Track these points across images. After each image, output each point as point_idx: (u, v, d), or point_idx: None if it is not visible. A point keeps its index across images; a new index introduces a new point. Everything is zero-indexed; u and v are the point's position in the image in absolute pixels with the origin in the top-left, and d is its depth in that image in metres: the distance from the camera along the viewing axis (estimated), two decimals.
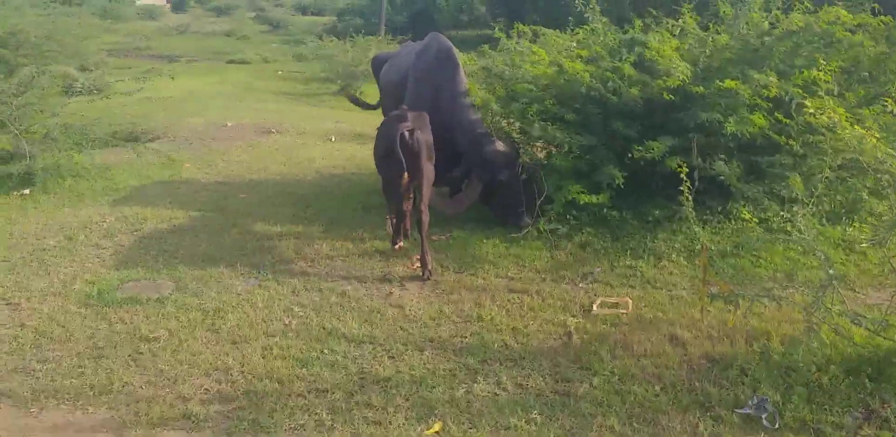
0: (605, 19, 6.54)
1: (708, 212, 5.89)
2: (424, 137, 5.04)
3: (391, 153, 4.86)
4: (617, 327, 4.19)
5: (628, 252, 5.34)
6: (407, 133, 4.88)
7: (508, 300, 4.62)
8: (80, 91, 9.01)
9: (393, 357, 3.92)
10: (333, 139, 10.90)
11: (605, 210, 5.77)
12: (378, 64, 7.67)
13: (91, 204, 6.99)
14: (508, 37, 7.11)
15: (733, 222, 5.75)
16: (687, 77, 5.14)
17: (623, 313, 4.34)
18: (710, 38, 5.58)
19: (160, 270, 5.20)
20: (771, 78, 4.91)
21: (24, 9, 15.77)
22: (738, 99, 4.93)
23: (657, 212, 5.83)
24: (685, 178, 4.52)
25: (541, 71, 6.16)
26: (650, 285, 4.83)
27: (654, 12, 6.88)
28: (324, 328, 4.22)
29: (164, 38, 32.21)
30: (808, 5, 6.15)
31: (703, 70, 5.53)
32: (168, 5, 50.33)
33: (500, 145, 5.93)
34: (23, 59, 11.18)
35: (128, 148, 8.34)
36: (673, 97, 5.28)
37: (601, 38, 6.04)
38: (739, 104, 4.97)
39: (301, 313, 4.44)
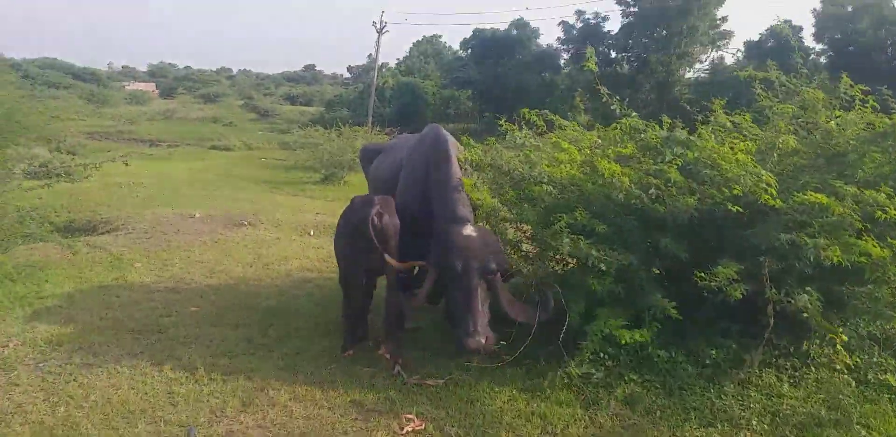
0: (635, 114, 5.55)
1: (778, 354, 4.67)
2: (392, 221, 4.75)
3: (359, 236, 4.60)
4: None
5: (692, 415, 3.98)
6: (376, 217, 4.60)
7: None
8: (16, 175, 7.80)
9: None
10: (312, 233, 9.75)
11: (649, 348, 4.51)
12: (368, 154, 6.74)
13: (0, 319, 5.58)
14: (520, 128, 6.05)
15: (815, 370, 4.48)
16: (775, 188, 4.04)
17: None
18: (780, 140, 4.53)
19: (54, 429, 3.73)
20: (882, 194, 3.80)
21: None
22: (845, 219, 3.77)
23: (713, 352, 4.60)
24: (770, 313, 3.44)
25: (564, 172, 5.07)
26: None
27: (688, 108, 5.95)
28: None
29: (149, 122, 31.96)
30: (875, 104, 5.27)
31: None
32: (156, 91, 51.00)
33: (469, 229, 4.55)
34: None
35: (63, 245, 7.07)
36: (741, 210, 4.15)
37: (640, 136, 4.96)
38: (842, 225, 3.82)
39: None
